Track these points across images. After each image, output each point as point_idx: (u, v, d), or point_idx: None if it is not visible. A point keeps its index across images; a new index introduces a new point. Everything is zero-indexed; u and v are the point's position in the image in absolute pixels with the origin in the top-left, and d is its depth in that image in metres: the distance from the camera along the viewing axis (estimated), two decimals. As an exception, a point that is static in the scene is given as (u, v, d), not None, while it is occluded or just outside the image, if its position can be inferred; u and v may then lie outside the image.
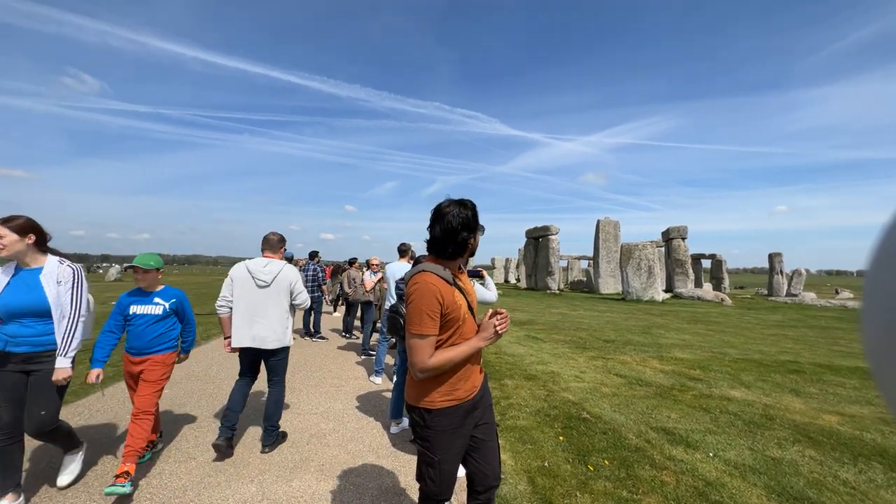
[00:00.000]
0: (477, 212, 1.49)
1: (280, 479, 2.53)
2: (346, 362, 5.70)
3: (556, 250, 22.73)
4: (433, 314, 1.36)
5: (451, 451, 1.46)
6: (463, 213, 1.44)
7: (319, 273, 7.57)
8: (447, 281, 1.43)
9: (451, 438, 1.45)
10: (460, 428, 1.47)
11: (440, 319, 1.38)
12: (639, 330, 8.77)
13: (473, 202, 1.49)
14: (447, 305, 1.39)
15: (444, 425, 1.43)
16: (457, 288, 1.46)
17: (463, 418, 1.47)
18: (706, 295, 18.17)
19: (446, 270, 1.45)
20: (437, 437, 1.43)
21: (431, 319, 1.36)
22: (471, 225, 1.46)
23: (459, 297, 1.45)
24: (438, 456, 1.43)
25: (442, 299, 1.38)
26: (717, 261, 28.13)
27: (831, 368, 5.55)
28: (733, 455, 2.88)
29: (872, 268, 0.30)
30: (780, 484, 2.50)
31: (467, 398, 1.48)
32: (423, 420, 1.45)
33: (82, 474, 2.45)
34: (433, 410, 1.43)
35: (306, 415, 3.63)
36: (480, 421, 1.55)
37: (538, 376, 4.81)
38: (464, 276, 1.59)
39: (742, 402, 4.04)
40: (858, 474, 2.66)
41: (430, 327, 1.36)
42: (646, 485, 2.45)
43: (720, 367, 5.48)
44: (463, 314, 1.43)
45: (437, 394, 1.43)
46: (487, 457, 1.56)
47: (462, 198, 1.49)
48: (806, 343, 7.87)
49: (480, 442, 1.55)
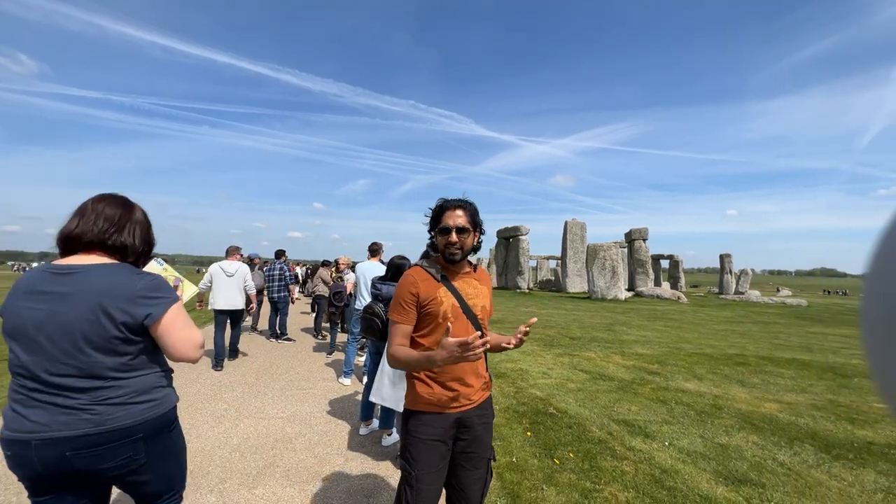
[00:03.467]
0: (439, 211, 1.46)
1: (243, 487, 2.43)
2: (314, 364, 5.55)
3: (526, 250, 23.27)
4: (405, 303, 1.37)
5: (430, 467, 1.35)
6: (429, 215, 1.47)
7: (286, 272, 7.32)
8: (432, 276, 1.41)
9: (430, 451, 1.35)
10: (441, 443, 1.36)
11: (415, 311, 1.37)
12: (603, 327, 9.16)
13: (440, 201, 1.47)
14: (423, 298, 1.37)
15: (425, 433, 1.35)
16: (446, 286, 1.41)
17: (447, 431, 1.37)
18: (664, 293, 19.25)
19: (436, 266, 1.44)
20: (414, 446, 1.36)
21: (402, 308, 1.37)
22: (432, 224, 1.47)
23: (444, 295, 1.39)
24: (416, 471, 1.33)
25: (417, 290, 1.37)
26: (674, 261, 29.86)
27: (772, 360, 6.05)
28: (686, 443, 3.07)
29: (872, 270, 0.30)
30: (726, 468, 2.70)
31: (452, 408, 1.38)
32: (405, 423, 1.41)
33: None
34: (414, 412, 1.39)
35: (271, 419, 3.50)
36: (468, 448, 1.42)
37: (507, 373, 4.91)
38: (468, 278, 1.49)
39: (695, 393, 4.32)
40: (793, 456, 2.92)
41: (399, 315, 1.37)
42: (607, 475, 2.57)
43: (676, 361, 5.83)
44: (443, 312, 1.36)
45: (420, 396, 1.38)
46: (464, 484, 1.42)
47: (461, 198, 1.47)
48: (751, 337, 8.53)
49: (460, 467, 1.43)
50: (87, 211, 1.20)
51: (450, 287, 1.42)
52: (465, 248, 1.42)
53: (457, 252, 1.41)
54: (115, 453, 1.15)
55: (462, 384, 1.39)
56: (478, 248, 1.50)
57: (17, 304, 1.12)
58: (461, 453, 1.42)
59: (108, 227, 1.20)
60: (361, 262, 4.72)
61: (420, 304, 1.37)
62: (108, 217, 1.21)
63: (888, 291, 0.28)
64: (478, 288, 1.49)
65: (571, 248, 21.92)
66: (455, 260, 1.42)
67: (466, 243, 1.42)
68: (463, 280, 1.47)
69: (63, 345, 1.09)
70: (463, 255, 1.43)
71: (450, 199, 1.47)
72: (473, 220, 1.45)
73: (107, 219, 1.20)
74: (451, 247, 1.41)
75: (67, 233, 1.18)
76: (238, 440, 3.05)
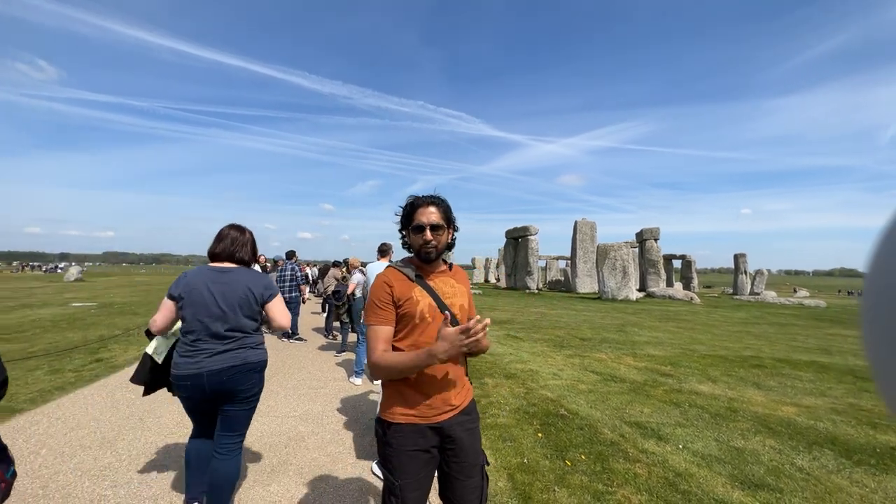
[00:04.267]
0: (411, 209, 1.39)
1: (257, 484, 2.47)
2: (325, 363, 5.62)
3: (535, 250, 23.13)
4: (381, 303, 1.30)
5: (413, 477, 1.28)
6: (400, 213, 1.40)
7: (297, 273, 7.42)
8: (407, 277, 1.35)
9: (411, 461, 1.28)
10: (423, 453, 1.30)
11: (393, 311, 1.30)
12: (614, 328, 9.06)
13: (411, 198, 1.41)
14: (398, 298, 1.30)
15: (405, 444, 1.28)
16: (421, 285, 1.35)
17: (429, 443, 1.30)
18: (677, 294, 18.95)
19: (409, 267, 1.38)
20: (395, 457, 1.29)
21: (379, 308, 1.30)
22: (403, 223, 1.41)
23: (420, 294, 1.33)
24: (399, 481, 1.28)
25: (391, 290, 1.30)
26: (686, 261, 29.38)
27: (789, 363, 5.91)
28: (700, 446, 3.03)
29: (872, 269, 0.30)
30: (742, 472, 2.66)
31: (431, 419, 1.30)
32: (383, 433, 1.32)
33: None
34: (393, 425, 1.30)
35: (284, 418, 3.56)
36: (456, 458, 1.35)
37: (517, 374, 4.89)
38: (444, 277, 1.44)
39: (709, 395, 4.25)
40: (812, 461, 2.85)
41: (375, 317, 1.30)
42: (620, 477, 2.54)
43: (689, 363, 5.74)
44: (420, 311, 1.30)
45: (396, 406, 1.30)
46: (460, 496, 1.36)
47: (432, 194, 1.41)
48: (767, 339, 8.35)
49: (454, 478, 1.35)
50: (223, 236, 2.06)
51: (425, 286, 1.36)
52: (439, 246, 1.37)
53: (431, 250, 1.35)
54: (248, 378, 1.96)
55: (441, 389, 1.31)
56: (452, 245, 1.45)
57: (199, 287, 1.90)
58: (451, 464, 1.35)
59: (233, 247, 2.04)
60: (372, 263, 4.76)
61: (395, 303, 1.31)
62: (234, 239, 2.06)
63: (889, 291, 0.28)
64: (455, 287, 1.43)
65: (581, 248, 21.72)
66: (431, 259, 1.37)
67: (441, 241, 1.37)
68: (439, 279, 1.41)
69: (227, 310, 1.90)
70: (438, 254, 1.38)
71: (421, 195, 1.40)
72: (447, 217, 1.40)
73: (233, 241, 2.05)
74: (426, 245, 1.35)
75: (212, 251, 2.05)
76: (252, 438, 3.10)
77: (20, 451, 2.79)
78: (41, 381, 4.29)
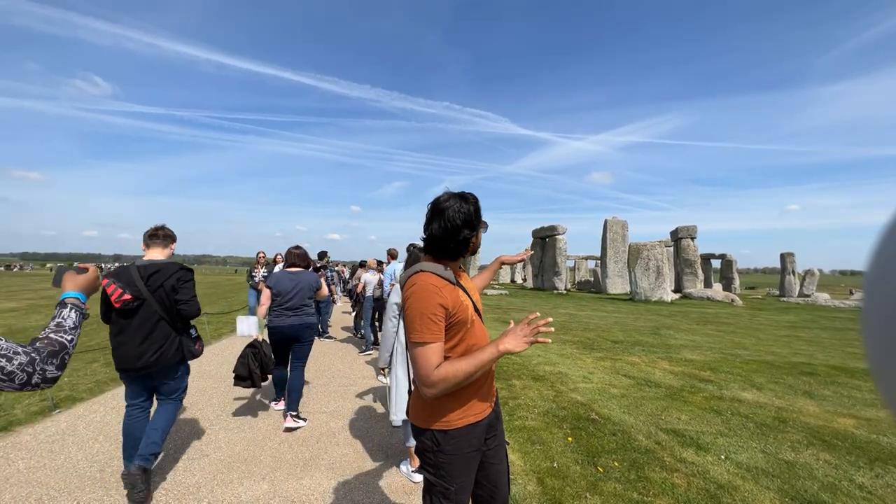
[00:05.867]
0: (479, 206, 1.33)
1: (291, 477, 2.56)
2: (354, 362, 5.74)
3: (563, 250, 22.63)
4: (436, 317, 1.17)
5: (467, 478, 1.29)
6: (464, 209, 1.26)
7: (328, 273, 7.63)
8: (449, 281, 1.26)
9: (468, 463, 1.28)
10: (476, 452, 1.31)
11: (444, 324, 1.21)
12: (647, 331, 8.70)
13: (475, 195, 1.33)
14: (452, 306, 1.22)
15: (462, 448, 1.25)
16: (461, 288, 1.32)
17: (481, 438, 1.31)
18: (716, 295, 17.95)
19: (448, 270, 1.29)
20: (453, 464, 1.25)
21: (434, 323, 1.17)
22: (473, 221, 1.29)
23: (465, 298, 1.30)
24: (455, 485, 1.25)
25: (445, 301, 1.20)
26: (727, 261, 27.75)
27: (846, 371, 5.44)
28: (745, 458, 2.84)
29: (872, 269, 0.30)
30: (793, 487, 2.47)
31: (485, 415, 1.31)
32: (436, 444, 1.25)
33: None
34: (449, 432, 1.24)
35: (315, 413, 3.66)
36: (493, 441, 1.39)
37: (546, 377, 4.79)
38: (465, 276, 1.44)
39: (754, 404, 3.99)
40: (875, 478, 2.61)
41: (434, 333, 1.16)
42: (656, 487, 2.43)
43: (731, 368, 5.41)
44: (470, 315, 1.28)
45: (453, 413, 1.25)
46: (496, 480, 1.39)
47: (462, 191, 1.33)
48: (819, 345, 7.74)
49: (489, 464, 1.38)
50: (290, 255, 3.61)
51: (461, 288, 1.33)
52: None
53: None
54: (308, 331, 3.53)
55: (488, 382, 1.34)
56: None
57: (283, 281, 3.43)
58: (489, 451, 1.38)
59: (298, 260, 3.61)
60: (389, 264, 5.51)
61: (449, 314, 1.22)
62: (298, 255, 3.62)
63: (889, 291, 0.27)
64: (470, 284, 1.45)
65: (612, 248, 21.02)
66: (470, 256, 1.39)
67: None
68: (462, 278, 1.41)
69: (299, 293, 3.45)
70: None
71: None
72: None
73: (297, 256, 3.61)
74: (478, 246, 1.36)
75: (288, 263, 3.63)
76: (286, 434, 3.22)
77: (81, 436, 3.03)
78: (98, 373, 4.65)
